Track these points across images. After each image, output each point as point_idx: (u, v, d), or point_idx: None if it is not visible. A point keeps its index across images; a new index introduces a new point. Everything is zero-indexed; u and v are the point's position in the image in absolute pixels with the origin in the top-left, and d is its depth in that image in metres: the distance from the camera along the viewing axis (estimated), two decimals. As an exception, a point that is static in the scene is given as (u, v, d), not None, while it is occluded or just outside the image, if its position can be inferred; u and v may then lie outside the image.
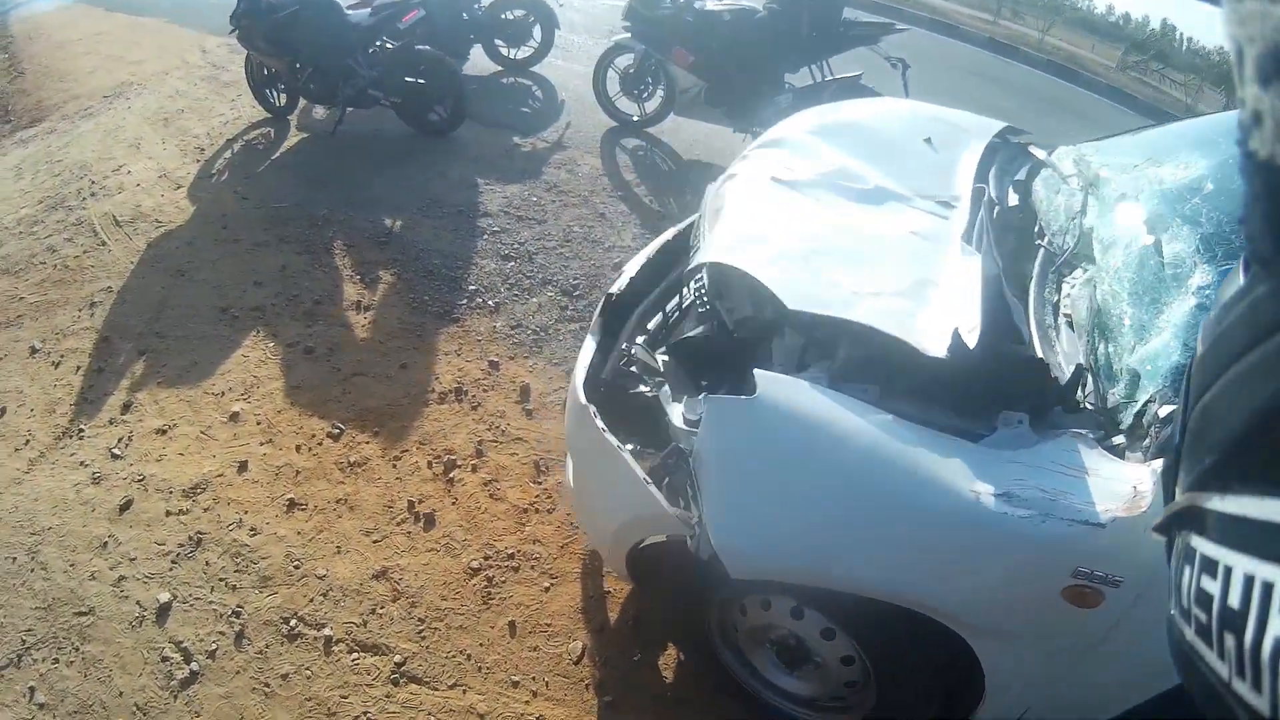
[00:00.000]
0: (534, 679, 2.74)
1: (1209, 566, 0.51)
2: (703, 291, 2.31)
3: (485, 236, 5.09)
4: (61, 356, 4.34)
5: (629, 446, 2.14)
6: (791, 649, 2.22)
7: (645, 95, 6.37)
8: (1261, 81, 0.47)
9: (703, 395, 1.95)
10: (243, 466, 3.59)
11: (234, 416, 3.83)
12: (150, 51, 8.86)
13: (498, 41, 7.48)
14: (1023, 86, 12.44)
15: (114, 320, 4.50)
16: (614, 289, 2.70)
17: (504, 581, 3.06)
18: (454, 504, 3.43)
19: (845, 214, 2.39)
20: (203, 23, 9.35)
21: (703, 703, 2.63)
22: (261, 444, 3.70)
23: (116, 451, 3.70)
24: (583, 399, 2.25)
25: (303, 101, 6.50)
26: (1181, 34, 29.51)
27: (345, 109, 6.01)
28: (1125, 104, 13.87)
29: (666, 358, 2.33)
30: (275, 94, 6.39)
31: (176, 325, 4.41)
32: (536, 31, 7.44)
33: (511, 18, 7.37)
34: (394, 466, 3.61)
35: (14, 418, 4.00)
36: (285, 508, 3.41)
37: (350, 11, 5.91)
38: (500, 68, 7.55)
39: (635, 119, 6.50)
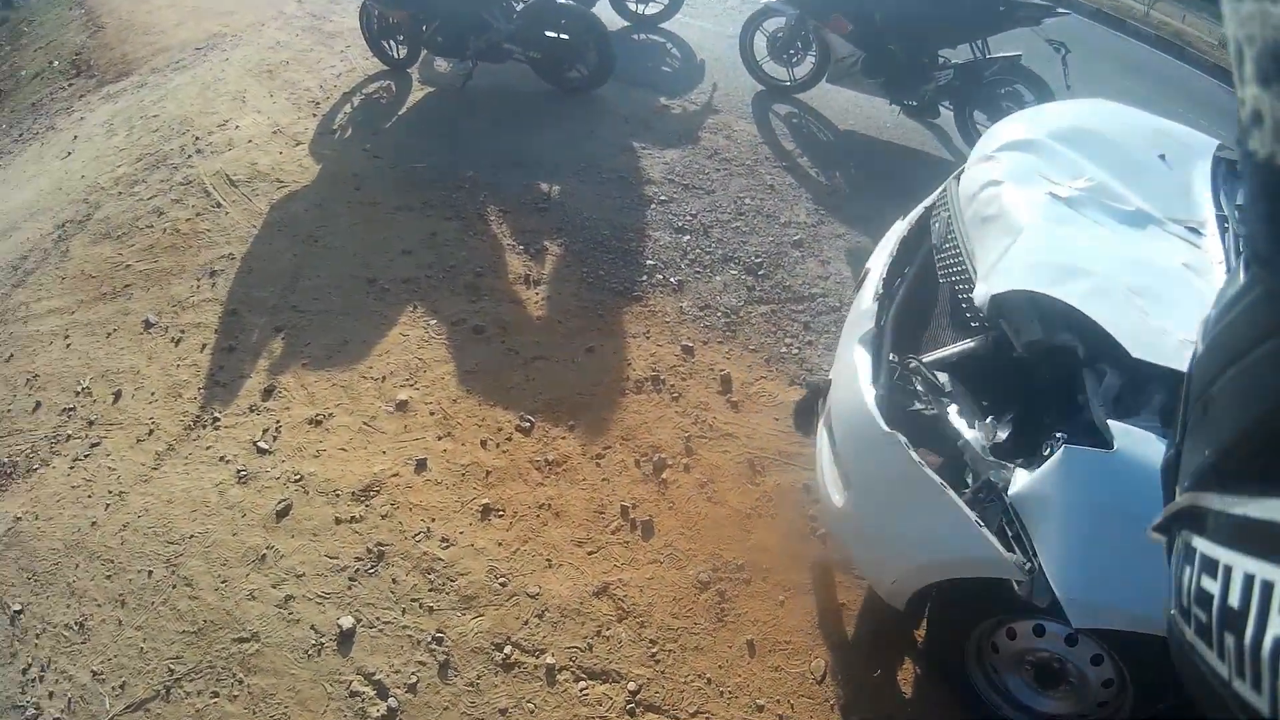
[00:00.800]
0: (779, 701, 2.47)
1: (1209, 566, 0.51)
2: (979, 307, 2.15)
3: (654, 206, 4.48)
4: (182, 332, 3.81)
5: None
6: (1051, 671, 2.15)
7: (795, 60, 5.86)
8: (1261, 81, 0.48)
9: (1056, 442, 1.84)
10: (421, 465, 3.03)
11: (401, 405, 3.25)
12: (237, 3, 8.30)
13: (624, -6, 6.84)
14: (1188, 90, 11.47)
15: (241, 291, 3.95)
16: (871, 289, 2.60)
17: (736, 596, 2.72)
18: (671, 509, 2.95)
19: (1128, 241, 2.30)
20: (294, -28, 8.79)
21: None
22: (439, 438, 3.13)
23: (263, 445, 3.14)
24: (884, 425, 2.12)
25: (423, 54, 5.89)
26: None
27: (476, 63, 5.41)
28: None
29: (945, 374, 2.25)
30: (394, 45, 5.80)
31: (316, 298, 3.84)
32: (669, -13, 6.78)
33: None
34: (598, 465, 3.07)
35: (131, 403, 3.46)
36: (479, 514, 2.87)
37: None
38: (627, 23, 6.90)
39: (785, 84, 5.96)
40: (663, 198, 4.56)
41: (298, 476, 2.98)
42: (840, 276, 4.15)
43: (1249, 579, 0.46)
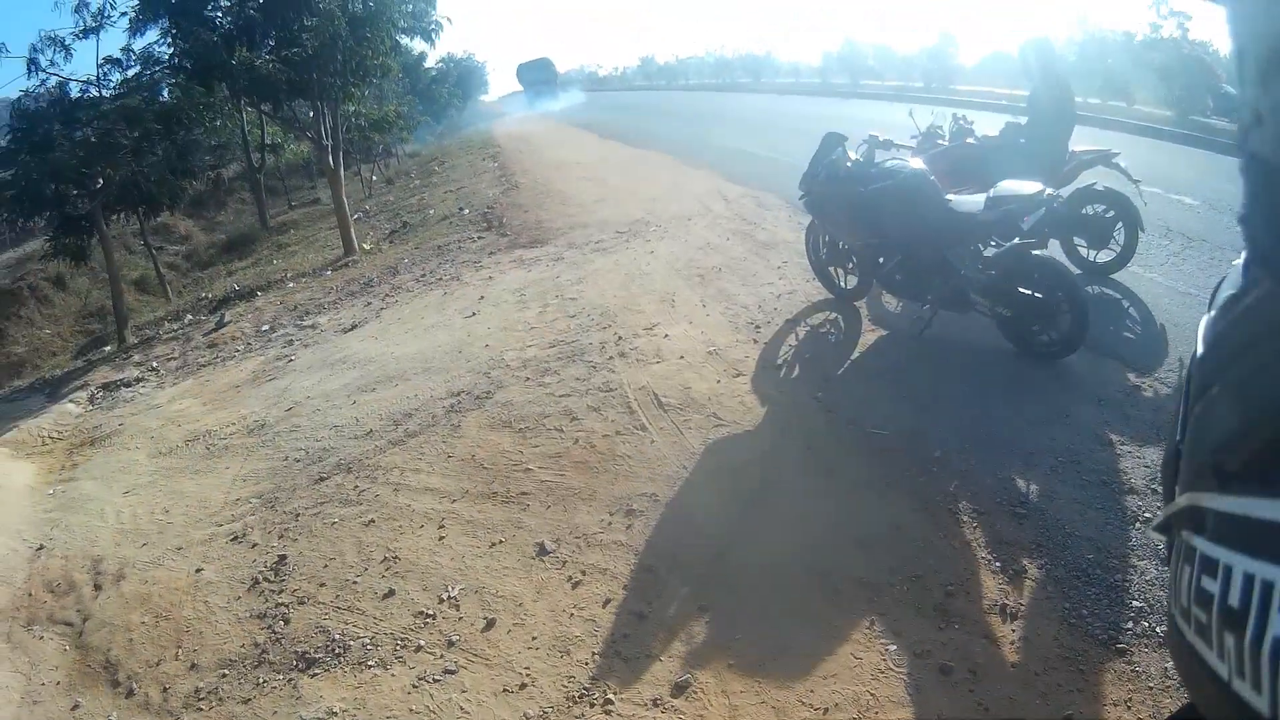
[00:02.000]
0: None
1: (1209, 566, 0.52)
2: None
3: (1138, 526, 3.70)
4: (583, 573, 3.49)
5: None
6: None
7: None
8: (1262, 82, 0.48)
9: None
10: None
11: (845, 758, 2.65)
12: (660, 189, 8.54)
13: (1077, 240, 6.19)
14: None
15: (662, 544, 3.58)
16: None
17: None
18: None
19: None
20: (716, 165, 8.96)
21: None
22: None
23: (673, 765, 2.64)
24: None
25: (875, 288, 5.54)
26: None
27: (936, 310, 4.96)
28: None
29: None
30: (843, 275, 5.51)
31: (753, 577, 3.38)
32: (1119, 233, 6.07)
33: (1092, 213, 6.08)
34: None
35: (506, 639, 3.14)
36: None
37: (956, 198, 4.90)
38: (1078, 270, 6.23)
39: None
40: (1145, 514, 3.76)
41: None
42: None
43: (1249, 579, 0.46)
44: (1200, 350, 0.61)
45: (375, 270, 10.43)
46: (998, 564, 3.47)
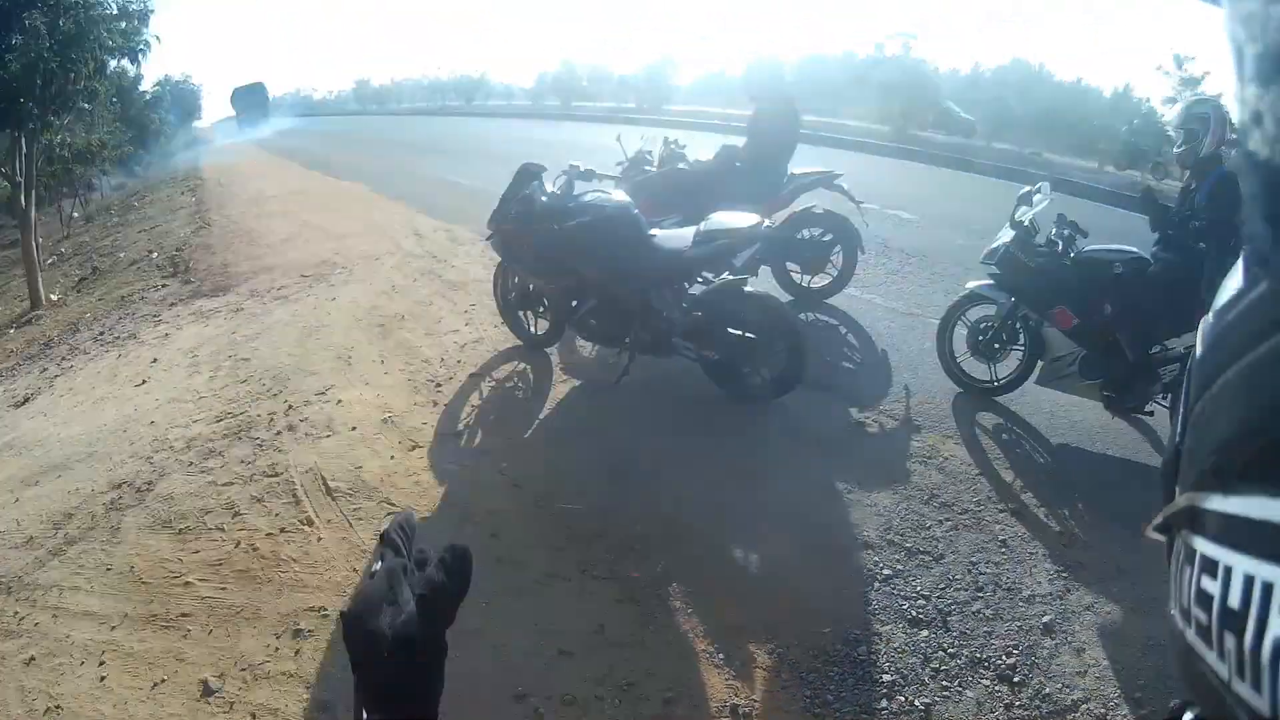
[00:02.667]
0: None
1: (1209, 567, 0.48)
2: None
3: (877, 585, 3.41)
4: (253, 716, 2.78)
5: None
6: None
7: (998, 357, 4.94)
8: (1261, 81, 0.45)
9: None
10: None
11: None
12: (354, 224, 7.71)
13: (790, 266, 6.00)
14: None
15: (335, 674, 2.90)
16: None
17: None
18: None
19: None
20: (413, 198, 8.23)
21: None
22: None
23: None
24: None
25: (566, 334, 5.03)
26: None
27: (634, 356, 4.52)
28: None
29: None
30: (533, 319, 4.96)
31: (443, 712, 2.70)
32: (837, 256, 5.95)
33: (809, 237, 5.92)
34: None
35: None
36: None
37: (662, 233, 4.49)
38: (791, 297, 6.04)
39: (986, 384, 5.01)
40: (886, 571, 3.47)
41: None
42: (1100, 669, 3.09)
43: (1249, 579, 0.43)
44: (1200, 350, 0.56)
45: (58, 328, 9.01)
46: (722, 656, 3.02)
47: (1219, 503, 0.48)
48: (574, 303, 4.56)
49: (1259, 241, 0.49)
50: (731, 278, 4.44)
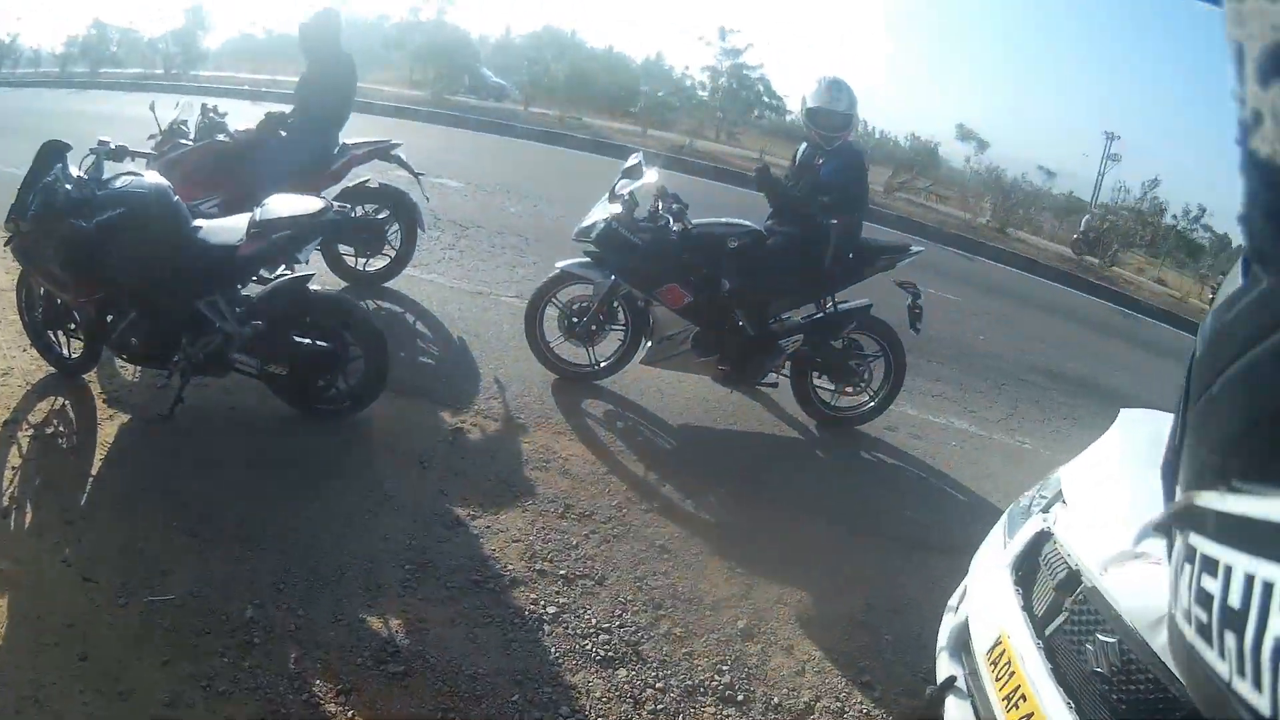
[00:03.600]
0: None
1: (1209, 566, 0.50)
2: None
3: (547, 627, 2.80)
4: None
5: None
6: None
7: (596, 339, 4.63)
8: (1261, 81, 0.47)
9: None
10: None
11: None
12: None
13: (341, 249, 5.16)
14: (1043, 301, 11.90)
15: None
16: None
17: None
18: None
19: None
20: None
21: None
22: None
23: None
24: None
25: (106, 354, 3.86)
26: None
27: (187, 379, 3.52)
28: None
29: None
30: (63, 340, 3.78)
31: None
32: (395, 235, 5.24)
33: (363, 215, 5.14)
34: None
35: None
36: None
37: (208, 224, 3.60)
38: (345, 283, 5.17)
39: (586, 369, 4.69)
40: (549, 607, 2.88)
41: None
42: (816, 661, 2.92)
43: (1249, 579, 0.45)
44: (1200, 350, 0.56)
45: None
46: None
47: (1219, 502, 0.49)
48: (109, 318, 3.49)
49: (1259, 240, 0.50)
50: (292, 275, 3.67)
